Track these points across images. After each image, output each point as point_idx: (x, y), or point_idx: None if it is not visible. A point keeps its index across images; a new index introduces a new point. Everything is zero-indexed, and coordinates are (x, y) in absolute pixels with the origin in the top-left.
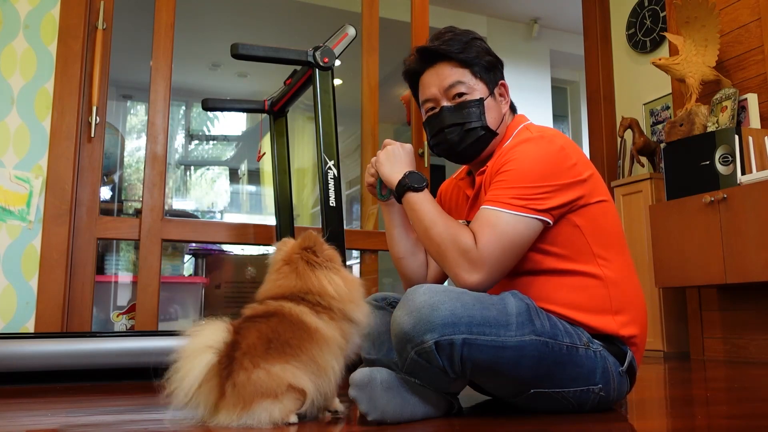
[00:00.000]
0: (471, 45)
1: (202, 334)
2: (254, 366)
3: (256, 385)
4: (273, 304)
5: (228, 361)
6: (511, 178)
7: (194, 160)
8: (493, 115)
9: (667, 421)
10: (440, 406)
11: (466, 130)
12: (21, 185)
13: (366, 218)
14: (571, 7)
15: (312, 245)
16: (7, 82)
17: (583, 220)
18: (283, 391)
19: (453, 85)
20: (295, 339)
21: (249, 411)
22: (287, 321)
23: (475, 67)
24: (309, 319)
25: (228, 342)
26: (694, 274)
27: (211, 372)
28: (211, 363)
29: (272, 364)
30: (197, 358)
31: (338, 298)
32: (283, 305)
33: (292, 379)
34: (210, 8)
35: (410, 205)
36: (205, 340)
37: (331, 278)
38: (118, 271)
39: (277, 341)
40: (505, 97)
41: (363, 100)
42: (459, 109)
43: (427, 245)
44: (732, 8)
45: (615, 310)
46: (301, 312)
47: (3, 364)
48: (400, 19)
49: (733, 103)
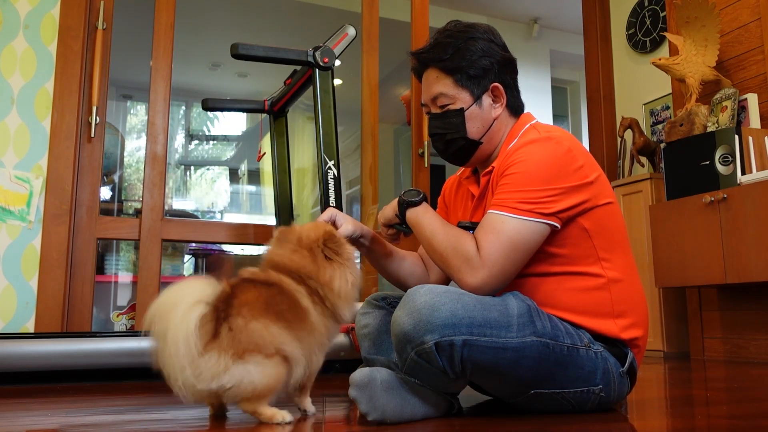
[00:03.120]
0: (463, 49)
1: (191, 288)
2: (252, 317)
3: (252, 334)
4: (274, 276)
5: (225, 307)
6: (517, 181)
7: (194, 160)
8: (477, 124)
9: (667, 421)
10: (440, 406)
11: (447, 141)
12: (21, 185)
13: (366, 218)
14: (571, 7)
15: (334, 243)
16: (7, 82)
17: (590, 222)
18: (272, 352)
19: (436, 96)
20: (290, 313)
21: (241, 361)
22: (286, 295)
23: (459, 74)
24: (304, 302)
25: (223, 294)
26: (694, 274)
27: (204, 319)
28: (204, 313)
29: (271, 322)
30: (191, 311)
31: (337, 294)
32: (283, 279)
33: (284, 345)
34: (210, 8)
35: (411, 220)
36: (196, 295)
37: (341, 275)
38: (118, 271)
39: (274, 306)
40: (500, 99)
41: (363, 100)
42: (442, 118)
43: (432, 256)
44: (732, 8)
45: (617, 313)
46: (299, 292)
47: (3, 364)
48: (400, 19)
49: (733, 103)
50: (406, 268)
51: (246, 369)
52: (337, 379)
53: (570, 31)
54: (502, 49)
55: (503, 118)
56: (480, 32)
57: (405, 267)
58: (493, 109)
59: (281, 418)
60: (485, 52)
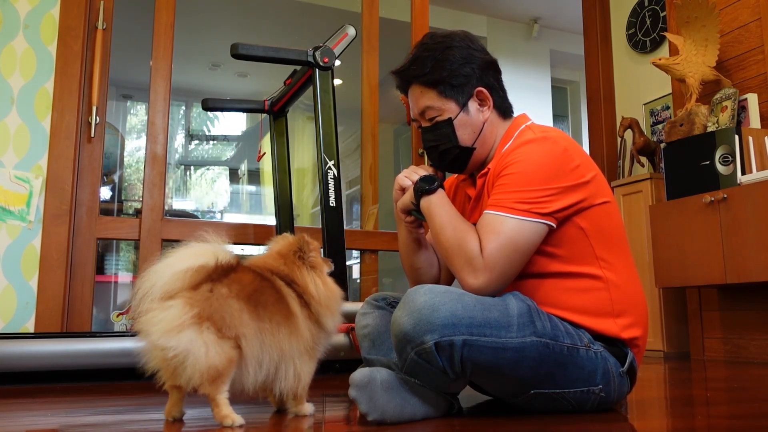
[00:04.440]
0: (442, 60)
1: (200, 248)
2: (236, 295)
3: (225, 307)
4: (269, 274)
5: (220, 274)
6: (514, 181)
7: (194, 160)
8: (467, 130)
9: (667, 421)
10: (440, 406)
11: (441, 152)
12: (21, 185)
13: (366, 218)
14: (571, 7)
15: (305, 249)
16: (6, 82)
17: (586, 222)
18: (232, 336)
19: (424, 110)
20: (274, 308)
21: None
22: (276, 292)
23: (442, 86)
24: (293, 304)
25: (228, 264)
26: (694, 274)
27: (198, 270)
28: (201, 264)
29: (248, 309)
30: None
31: (316, 299)
32: (276, 280)
33: (247, 339)
34: (210, 8)
35: (424, 210)
36: (203, 253)
37: (314, 278)
38: (118, 271)
39: (261, 297)
40: (487, 102)
41: (363, 100)
42: (432, 131)
43: (437, 248)
44: (732, 8)
45: (617, 313)
46: (289, 294)
47: (3, 364)
48: (400, 19)
49: (733, 103)
50: (432, 260)
51: (195, 341)
52: (337, 379)
53: (570, 31)
54: (481, 52)
55: (493, 121)
56: (457, 40)
57: (431, 260)
58: (481, 113)
59: (231, 422)
60: (465, 59)
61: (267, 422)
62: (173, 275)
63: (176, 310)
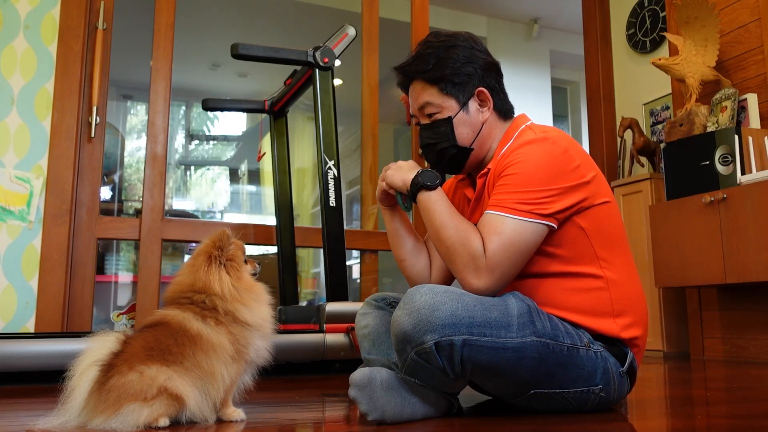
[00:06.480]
0: (445, 58)
1: (91, 350)
2: (129, 369)
3: (125, 387)
4: (159, 314)
5: (108, 369)
6: (515, 182)
7: (194, 160)
8: (466, 130)
9: (667, 421)
10: (440, 406)
11: (439, 151)
12: (21, 185)
13: (366, 218)
14: (571, 7)
15: (220, 243)
16: (7, 82)
17: (587, 222)
18: (154, 394)
19: (423, 106)
20: (176, 346)
21: (116, 413)
22: (170, 329)
23: (444, 83)
24: (192, 326)
25: (115, 352)
26: (694, 274)
27: (95, 384)
28: (95, 377)
29: (149, 367)
30: (84, 376)
31: (221, 296)
32: (167, 314)
33: (168, 383)
34: (210, 8)
35: (422, 204)
36: (92, 357)
37: (221, 276)
38: (118, 271)
39: (158, 348)
40: (487, 103)
41: (363, 100)
42: (431, 128)
43: (437, 246)
44: (732, 8)
45: (617, 312)
46: (185, 318)
47: (3, 364)
48: (400, 19)
49: (733, 103)
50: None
51: (122, 418)
52: (337, 379)
53: (570, 31)
54: (484, 54)
55: (492, 122)
56: (460, 40)
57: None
58: (481, 113)
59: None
60: (467, 58)
61: (267, 422)
62: (80, 408)
63: (100, 420)
